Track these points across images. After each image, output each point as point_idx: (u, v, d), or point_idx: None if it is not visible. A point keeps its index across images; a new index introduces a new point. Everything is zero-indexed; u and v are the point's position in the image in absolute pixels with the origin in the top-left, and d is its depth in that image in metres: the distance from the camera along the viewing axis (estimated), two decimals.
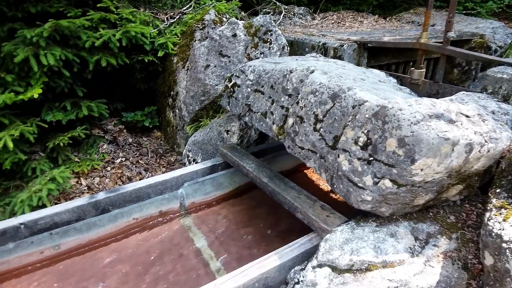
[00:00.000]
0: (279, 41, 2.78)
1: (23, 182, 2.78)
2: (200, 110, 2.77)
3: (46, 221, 1.69)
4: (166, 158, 3.29)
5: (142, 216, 1.96)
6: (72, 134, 2.83)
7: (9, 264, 1.67)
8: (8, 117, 2.56)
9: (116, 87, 3.43)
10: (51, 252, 1.75)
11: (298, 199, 1.70)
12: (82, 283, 1.69)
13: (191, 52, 2.93)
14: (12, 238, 1.64)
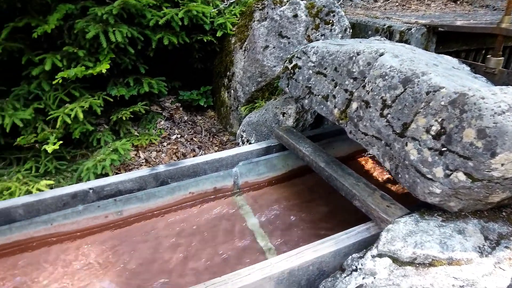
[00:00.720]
0: (341, 22, 2.67)
1: (88, 151, 2.99)
2: (256, 91, 2.77)
3: (112, 188, 1.80)
4: (218, 138, 3.35)
5: (197, 190, 2.02)
6: (134, 109, 2.97)
7: (78, 225, 1.81)
8: (79, 90, 2.74)
9: (175, 66, 3.53)
10: (114, 217, 1.87)
11: (356, 187, 1.64)
12: (139, 248, 1.79)
13: (249, 32, 2.92)
14: (82, 201, 1.77)
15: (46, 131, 2.57)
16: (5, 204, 1.65)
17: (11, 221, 1.67)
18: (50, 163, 2.69)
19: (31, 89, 2.64)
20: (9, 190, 2.36)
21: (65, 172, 2.76)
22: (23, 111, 2.51)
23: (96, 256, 1.74)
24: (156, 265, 1.71)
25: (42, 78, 2.65)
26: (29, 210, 1.68)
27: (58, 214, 1.73)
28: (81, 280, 1.61)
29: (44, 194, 1.70)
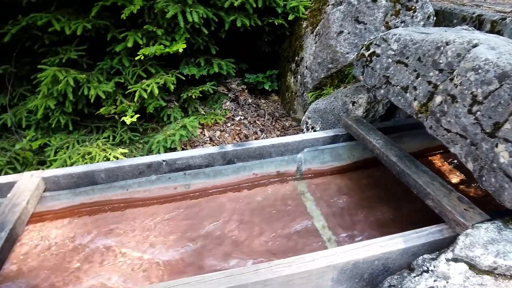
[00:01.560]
0: (425, 9, 2.49)
1: (158, 125, 3.16)
2: (325, 78, 2.71)
3: (183, 162, 1.90)
4: (281, 122, 3.35)
5: (261, 172, 2.06)
6: (203, 89, 3.07)
7: (150, 193, 1.94)
8: (155, 67, 2.89)
9: (243, 48, 3.57)
10: (182, 189, 1.97)
11: (431, 185, 1.55)
12: (203, 220, 1.88)
13: (323, 16, 2.84)
14: (155, 172, 1.90)
15: (124, 104, 2.76)
16: (90, 168, 1.82)
17: (94, 183, 1.84)
18: (125, 133, 2.90)
19: (113, 64, 2.84)
20: (90, 154, 2.60)
21: (137, 143, 2.96)
22: (105, 84, 2.72)
23: (164, 223, 1.86)
24: (217, 238, 1.78)
25: (123, 54, 2.83)
26: (109, 175, 1.84)
27: (133, 181, 1.87)
28: (150, 243, 1.74)
29: (123, 162, 1.85)
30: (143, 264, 1.66)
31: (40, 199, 1.76)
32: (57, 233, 1.78)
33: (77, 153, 2.62)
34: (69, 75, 2.58)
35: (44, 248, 1.70)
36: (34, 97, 2.84)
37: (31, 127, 2.91)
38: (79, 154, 2.61)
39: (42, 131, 2.96)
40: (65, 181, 1.80)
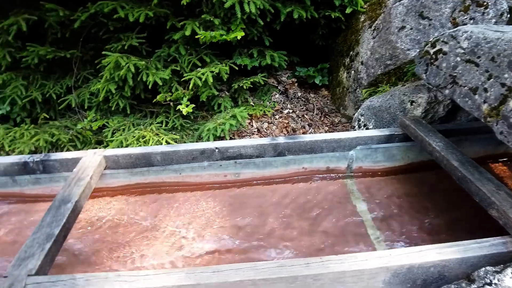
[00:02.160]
0: (498, 5, 2.31)
1: (208, 114, 3.23)
2: (382, 74, 2.61)
3: (235, 150, 1.93)
4: (330, 118, 3.29)
5: (310, 167, 2.04)
6: (254, 80, 3.08)
7: (201, 178, 2.00)
8: (209, 56, 2.95)
9: (295, 41, 3.53)
10: (232, 177, 2.01)
11: (496, 195, 1.46)
12: (248, 210, 1.90)
13: (383, 10, 2.73)
14: (208, 158, 1.94)
15: (179, 91, 2.84)
16: (148, 150, 1.90)
17: (150, 165, 1.93)
18: (177, 120, 3.00)
19: (171, 52, 2.93)
20: (144, 138, 2.72)
21: (188, 129, 3.05)
22: (162, 71, 2.82)
23: (212, 209, 1.91)
24: (261, 228, 1.80)
25: (180, 42, 2.91)
26: (165, 158, 1.91)
27: (187, 165, 1.94)
28: (198, 226, 1.80)
29: (178, 147, 1.91)
30: (190, 245, 1.72)
31: (101, 176, 1.88)
32: (113, 208, 1.90)
33: (132, 135, 2.76)
34: (130, 62, 2.70)
35: (102, 221, 1.81)
36: (97, 81, 3.01)
37: (92, 109, 3.09)
38: (134, 137, 2.73)
39: (102, 112, 3.14)
40: (124, 161, 1.90)
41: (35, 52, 2.86)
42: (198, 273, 1.18)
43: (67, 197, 1.56)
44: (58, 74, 3.20)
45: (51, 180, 1.94)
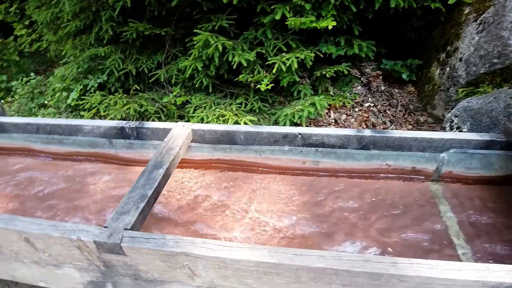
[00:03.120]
0: None
1: (286, 99, 3.22)
2: (485, 74, 2.36)
3: (317, 138, 1.90)
4: (415, 116, 3.09)
5: (395, 165, 1.93)
6: (337, 69, 2.99)
7: (279, 162, 2.01)
8: (295, 42, 2.91)
9: (385, 31, 3.34)
10: (310, 165, 1.99)
11: None
12: (325, 199, 1.87)
13: (494, 2, 2.44)
14: (289, 143, 1.94)
15: (261, 74, 2.87)
16: (232, 128, 1.95)
17: (233, 143, 1.98)
18: (256, 102, 3.04)
19: (258, 35, 2.95)
20: (224, 117, 2.80)
21: (265, 113, 3.08)
22: (248, 53, 2.86)
23: (287, 193, 1.91)
24: (335, 218, 1.76)
25: (267, 26, 2.92)
26: (247, 138, 1.95)
27: (268, 148, 1.96)
28: (273, 206, 1.81)
29: (262, 128, 1.93)
30: (262, 224, 1.74)
31: (187, 148, 1.98)
32: (195, 180, 1.99)
33: (212, 113, 2.86)
34: (218, 41, 2.78)
35: (185, 190, 1.92)
36: (185, 58, 3.16)
37: (178, 85, 3.26)
38: (215, 115, 2.83)
39: (186, 89, 3.30)
40: (209, 136, 1.98)
41: (134, 28, 3.08)
42: (280, 253, 1.18)
43: (159, 163, 1.67)
44: (151, 50, 3.42)
45: (142, 146, 2.09)
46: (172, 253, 1.23)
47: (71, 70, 3.66)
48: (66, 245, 1.36)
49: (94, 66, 3.51)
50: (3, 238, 1.45)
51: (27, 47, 4.84)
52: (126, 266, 1.36)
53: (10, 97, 4.57)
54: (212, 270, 1.25)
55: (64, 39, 3.72)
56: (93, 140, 2.15)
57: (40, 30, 4.25)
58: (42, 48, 4.53)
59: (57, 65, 5.09)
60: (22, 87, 4.29)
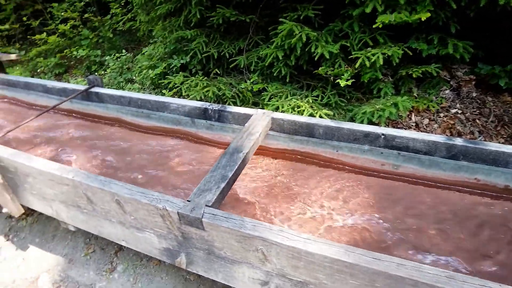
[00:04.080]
0: None
1: (365, 97, 3.10)
2: None
3: (402, 141, 1.80)
4: (509, 129, 2.78)
5: (485, 180, 1.77)
6: (425, 69, 2.80)
7: (356, 160, 1.96)
8: (383, 37, 2.78)
9: (485, 32, 3.03)
10: (389, 168, 1.90)
11: None
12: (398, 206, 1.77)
13: None
14: (370, 142, 1.87)
15: (342, 68, 2.79)
16: (312, 121, 1.94)
17: (311, 135, 1.97)
18: (333, 97, 2.97)
19: (344, 27, 2.86)
20: (299, 108, 2.79)
21: (341, 108, 3.00)
22: (331, 45, 2.79)
23: (361, 193, 1.86)
24: (410, 227, 1.67)
25: (355, 19, 2.81)
26: (326, 132, 1.92)
27: (346, 145, 1.91)
28: (345, 204, 1.78)
29: (343, 124, 1.89)
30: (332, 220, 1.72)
31: (265, 135, 2.01)
32: (269, 167, 2.03)
33: (288, 103, 2.86)
34: (303, 31, 2.75)
35: (259, 175, 1.96)
36: (266, 46, 3.19)
37: (256, 72, 3.31)
38: (290, 105, 2.83)
39: (263, 77, 3.33)
40: (288, 126, 1.98)
41: (221, 13, 3.17)
42: (357, 253, 1.16)
43: (240, 147, 1.72)
44: (234, 36, 3.51)
45: (221, 128, 2.17)
46: (249, 236, 1.27)
47: (158, 50, 3.90)
48: (151, 212, 1.47)
49: (179, 48, 3.69)
50: (97, 197, 1.62)
51: (120, 25, 5.25)
52: (202, 240, 1.44)
53: (102, 70, 5.02)
54: (284, 258, 1.27)
55: (155, 20, 3.96)
56: (177, 117, 2.28)
57: (135, 11, 4.57)
58: (134, 27, 4.89)
59: (144, 44, 5.46)
60: (113, 62, 4.68)
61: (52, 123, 2.79)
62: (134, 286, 2.39)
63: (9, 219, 3.17)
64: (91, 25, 5.61)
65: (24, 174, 1.84)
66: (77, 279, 2.56)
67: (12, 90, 3.13)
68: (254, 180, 1.95)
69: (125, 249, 2.62)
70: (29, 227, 3.02)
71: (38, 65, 5.34)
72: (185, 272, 2.36)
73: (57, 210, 1.92)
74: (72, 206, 1.79)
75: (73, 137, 2.54)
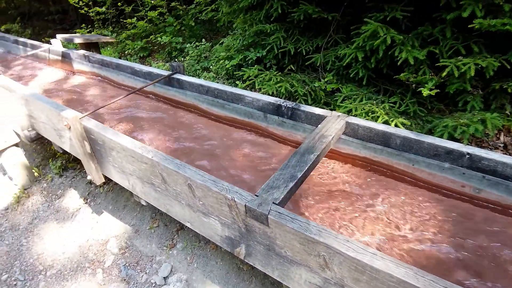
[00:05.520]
0: None
1: (447, 109, 2.87)
2: None
3: (490, 164, 1.64)
4: None
5: None
6: None
7: (433, 178, 1.83)
8: (479, 46, 2.53)
9: None
10: (469, 191, 1.75)
11: None
12: (478, 235, 1.62)
13: None
14: (452, 161, 1.73)
15: (427, 76, 2.61)
16: (390, 130, 1.84)
17: (386, 145, 1.88)
18: (412, 105, 2.80)
19: (434, 32, 2.67)
20: (374, 114, 2.67)
21: (419, 118, 2.82)
22: (418, 51, 2.62)
23: (435, 212, 1.73)
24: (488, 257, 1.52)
25: (448, 23, 2.60)
26: (404, 144, 1.82)
27: (424, 159, 1.79)
28: (415, 221, 1.67)
29: (423, 137, 1.77)
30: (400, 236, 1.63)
31: (338, 138, 1.96)
32: (338, 172, 1.98)
33: (362, 107, 2.76)
34: (388, 34, 2.62)
35: (327, 179, 1.93)
36: (345, 46, 3.09)
37: (332, 71, 3.24)
38: (364, 110, 2.73)
39: (338, 77, 3.25)
40: (362, 132, 1.92)
41: (303, 9, 3.14)
42: (428, 279, 1.09)
43: (311, 149, 1.71)
44: (312, 33, 3.46)
45: (292, 126, 2.17)
46: (313, 240, 1.26)
47: (236, 42, 3.99)
48: (219, 200, 1.53)
49: (257, 41, 3.75)
50: (171, 179, 1.72)
51: (203, 15, 5.48)
52: (264, 236, 1.46)
53: (181, 57, 5.29)
54: (346, 269, 1.24)
55: (236, 13, 4.06)
56: (250, 110, 2.33)
57: (218, 2, 4.72)
58: (216, 17, 5.06)
59: (222, 35, 5.64)
60: (192, 50, 4.91)
61: (135, 103, 3.02)
62: (190, 265, 2.52)
63: (89, 185, 3.52)
64: (175, 13, 5.93)
65: (110, 148, 2.02)
66: (140, 249, 2.78)
67: (105, 70, 3.45)
68: (318, 182, 1.92)
69: (185, 228, 2.77)
70: (104, 194, 3.33)
71: (126, 47, 5.80)
72: (239, 261, 2.42)
73: (133, 184, 2.08)
74: (147, 183, 1.93)
75: (151, 118, 2.73)
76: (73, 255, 2.84)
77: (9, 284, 2.70)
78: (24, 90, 2.67)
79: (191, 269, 2.46)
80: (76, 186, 3.52)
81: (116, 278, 2.57)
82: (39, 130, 2.87)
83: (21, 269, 2.80)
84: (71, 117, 2.07)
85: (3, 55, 4.57)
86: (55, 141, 2.70)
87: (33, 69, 4.14)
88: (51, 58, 4.00)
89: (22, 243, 3.05)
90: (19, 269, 2.80)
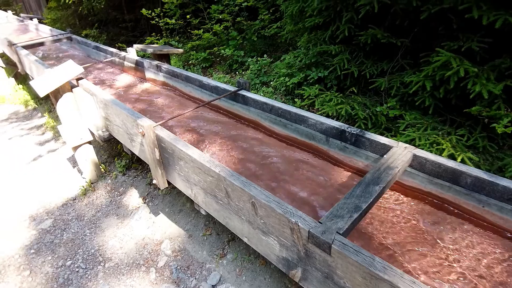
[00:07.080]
0: None
1: None
2: None
3: None
4: None
5: None
6: None
7: (505, 222, 1.73)
8: None
9: None
10: None
11: None
12: None
13: None
14: None
15: (502, 111, 2.47)
16: (461, 168, 1.77)
17: (456, 183, 1.81)
18: (481, 140, 2.66)
19: None
20: (439, 145, 2.58)
21: (488, 154, 2.67)
22: (493, 84, 2.50)
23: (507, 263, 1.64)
24: None
25: None
26: (475, 184, 1.74)
27: (496, 202, 1.71)
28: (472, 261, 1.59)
29: (498, 179, 1.69)
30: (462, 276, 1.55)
31: (403, 171, 1.93)
32: (400, 204, 1.94)
33: (426, 137, 2.67)
34: (462, 65, 2.53)
35: (390, 211, 1.90)
36: (412, 72, 3.03)
37: (396, 97, 3.17)
38: (428, 140, 2.64)
39: (401, 103, 3.18)
40: (430, 167, 1.87)
41: (371, 33, 3.12)
42: None
43: (376, 180, 1.70)
44: (378, 56, 3.42)
45: (355, 153, 2.16)
46: (377, 276, 1.25)
47: (298, 60, 4.06)
48: (282, 222, 1.57)
49: (320, 61, 3.78)
50: (235, 194, 1.80)
51: (266, 31, 5.63)
52: (324, 263, 1.47)
53: (241, 70, 5.47)
54: None
55: (301, 31, 4.13)
56: (312, 133, 2.36)
57: (284, 21, 4.83)
58: (279, 34, 5.18)
59: (282, 50, 5.74)
60: (253, 65, 5.05)
61: (200, 114, 3.18)
62: (239, 277, 2.58)
63: (148, 186, 3.74)
64: (238, 27, 6.15)
65: (178, 158, 2.15)
66: (192, 254, 2.89)
67: (174, 80, 3.68)
68: (381, 214, 1.90)
69: (237, 240, 2.84)
70: (162, 197, 3.52)
71: (190, 57, 6.11)
72: (287, 281, 2.44)
73: (196, 194, 2.19)
74: (210, 195, 2.03)
75: (215, 130, 2.86)
76: (130, 251, 3.03)
77: (72, 270, 2.94)
78: (104, 94, 2.93)
79: (240, 281, 2.52)
80: (137, 186, 3.76)
81: (168, 279, 2.70)
82: (112, 131, 3.12)
83: (83, 258, 3.03)
84: (146, 125, 2.24)
85: (84, 58, 5.04)
86: (126, 144, 2.92)
87: (110, 74, 4.51)
88: (125, 65, 4.34)
89: (86, 233, 3.31)
90: (82, 257, 3.04)
